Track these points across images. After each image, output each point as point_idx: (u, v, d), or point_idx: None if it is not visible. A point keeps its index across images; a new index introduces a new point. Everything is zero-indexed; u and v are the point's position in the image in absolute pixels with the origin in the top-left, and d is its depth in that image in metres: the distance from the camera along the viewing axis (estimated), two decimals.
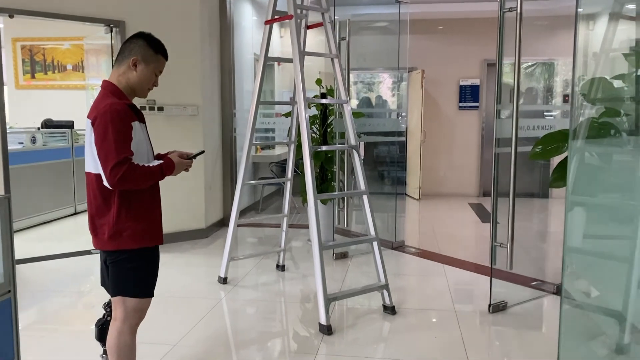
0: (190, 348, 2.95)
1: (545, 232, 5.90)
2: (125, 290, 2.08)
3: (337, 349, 2.96)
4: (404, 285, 4.08)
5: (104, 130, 1.94)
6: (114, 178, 1.92)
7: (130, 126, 1.99)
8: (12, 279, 1.35)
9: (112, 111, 1.97)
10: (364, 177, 3.54)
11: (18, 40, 8.54)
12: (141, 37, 2.15)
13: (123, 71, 2.12)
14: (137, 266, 2.09)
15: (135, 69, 2.11)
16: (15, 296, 1.35)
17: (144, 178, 2.01)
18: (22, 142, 6.04)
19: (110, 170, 1.91)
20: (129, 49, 2.13)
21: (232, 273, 4.23)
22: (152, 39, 2.17)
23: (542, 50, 8.00)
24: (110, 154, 1.92)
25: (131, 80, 2.11)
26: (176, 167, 2.13)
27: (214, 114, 5.79)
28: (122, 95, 2.09)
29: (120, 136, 1.95)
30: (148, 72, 2.13)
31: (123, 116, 1.98)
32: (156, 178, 2.07)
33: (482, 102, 8.39)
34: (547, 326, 3.35)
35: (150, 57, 2.13)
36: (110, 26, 4.91)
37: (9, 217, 1.34)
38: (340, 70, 3.66)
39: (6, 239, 1.29)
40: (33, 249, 4.97)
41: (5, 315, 1.30)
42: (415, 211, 7.39)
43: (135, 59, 2.10)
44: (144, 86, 2.15)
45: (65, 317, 3.48)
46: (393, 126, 5.53)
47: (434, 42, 8.36)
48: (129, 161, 1.95)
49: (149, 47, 2.13)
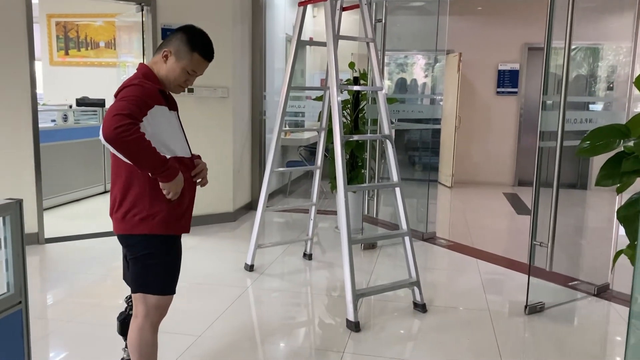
0: (215, 340, 2.89)
1: (584, 227, 5.64)
2: (146, 287, 2.00)
3: (365, 347, 2.86)
4: (434, 281, 3.94)
5: (121, 98, 1.83)
6: (111, 126, 1.71)
7: (149, 104, 1.86)
8: (23, 290, 1.27)
9: (137, 85, 1.88)
10: (398, 168, 3.39)
11: (52, 17, 8.56)
12: (184, 30, 2.04)
13: (156, 60, 2.03)
14: (159, 262, 2.00)
15: (166, 60, 2.00)
16: (27, 308, 1.28)
17: (140, 147, 1.76)
18: (54, 120, 6.06)
19: (111, 117, 1.73)
20: (168, 39, 2.03)
21: (258, 260, 4.16)
22: (195, 35, 2.03)
23: (586, 34, 7.60)
24: (117, 107, 1.78)
25: (161, 72, 2.02)
26: (177, 178, 1.92)
27: (244, 96, 5.68)
28: (155, 80, 1.99)
29: (135, 101, 1.81)
30: (177, 68, 2.00)
31: (146, 92, 1.87)
32: (151, 160, 1.81)
33: (521, 88, 8.06)
34: (588, 331, 3.18)
35: (183, 53, 2.00)
36: (141, 4, 4.82)
37: (20, 223, 1.26)
38: (375, 55, 3.49)
39: (17, 246, 1.22)
40: (63, 227, 4.99)
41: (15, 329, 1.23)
42: (446, 200, 7.19)
43: (167, 51, 2.00)
44: (172, 82, 2.02)
45: (91, 300, 3.47)
46: (428, 113, 5.32)
47: (472, 23, 8.03)
48: (135, 121, 1.77)
49: (187, 43, 2.00)
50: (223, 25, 5.09)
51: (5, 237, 1.21)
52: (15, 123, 4.30)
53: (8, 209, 1.20)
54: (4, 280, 1.21)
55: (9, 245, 1.20)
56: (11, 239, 1.19)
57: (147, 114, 1.85)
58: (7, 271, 1.22)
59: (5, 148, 4.28)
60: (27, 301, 1.27)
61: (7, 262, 1.21)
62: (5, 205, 1.19)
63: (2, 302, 1.20)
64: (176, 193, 1.94)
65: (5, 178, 4.30)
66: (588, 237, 5.16)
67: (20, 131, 4.33)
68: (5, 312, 1.20)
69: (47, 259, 4.22)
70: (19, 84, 4.28)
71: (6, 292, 1.22)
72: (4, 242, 1.21)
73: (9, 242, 1.20)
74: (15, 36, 4.23)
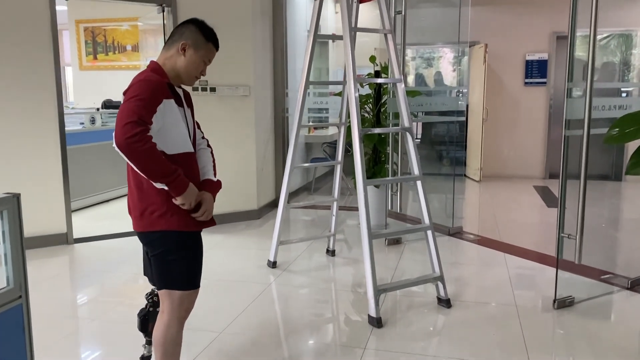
0: (236, 336, 2.89)
1: (618, 219, 5.45)
2: (171, 283, 2.01)
3: (386, 343, 2.82)
4: (460, 276, 3.86)
5: (130, 97, 1.84)
6: (123, 136, 1.73)
7: (158, 100, 1.87)
8: (23, 284, 1.28)
9: (143, 80, 1.90)
10: (418, 161, 3.33)
11: (81, 22, 8.76)
12: (193, 22, 2.08)
13: (170, 55, 2.04)
14: (180, 257, 2.00)
15: (184, 53, 2.02)
16: (28, 302, 1.29)
17: (151, 157, 1.78)
18: (82, 123, 6.20)
19: (122, 126, 1.75)
20: (179, 33, 2.06)
21: (282, 256, 4.16)
22: (205, 25, 2.09)
23: (618, 20, 7.34)
24: (127, 112, 1.78)
25: (177, 65, 2.03)
26: (188, 190, 1.90)
27: (266, 93, 5.69)
28: (163, 75, 2.01)
29: (143, 103, 1.82)
30: (197, 58, 2.04)
31: (153, 87, 1.88)
32: (160, 169, 1.82)
33: (550, 78, 7.84)
34: (620, 326, 3.05)
35: (201, 43, 2.05)
36: (162, 6, 4.87)
37: (18, 217, 1.27)
38: (394, 47, 3.44)
39: (16, 240, 1.23)
40: (93, 228, 5.10)
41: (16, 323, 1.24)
42: (475, 194, 7.06)
43: (185, 43, 2.02)
44: (191, 73, 2.06)
45: (117, 299, 3.53)
46: (452, 105, 5.22)
47: (498, 13, 7.86)
48: (145, 128, 1.78)
49: (201, 33, 2.05)
50: (243, 23, 5.11)
51: (3, 231, 1.23)
52: (43, 127, 4.41)
53: (5, 203, 1.21)
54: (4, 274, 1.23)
55: (7, 239, 1.21)
56: (9, 233, 1.20)
57: (156, 111, 1.85)
58: (5, 265, 1.23)
59: (34, 152, 4.39)
60: (27, 295, 1.28)
61: (5, 256, 1.23)
62: (2, 200, 1.21)
63: (2, 296, 1.22)
64: (191, 203, 1.94)
65: (34, 180, 4.41)
66: (622, 229, 4.98)
67: (48, 135, 4.43)
68: (5, 307, 1.21)
69: (75, 259, 4.32)
70: (46, 90, 4.38)
71: (6, 287, 1.24)
72: (2, 236, 1.23)
73: (7, 237, 1.21)
74: (41, 42, 4.33)
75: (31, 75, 4.32)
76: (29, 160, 4.38)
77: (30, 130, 4.37)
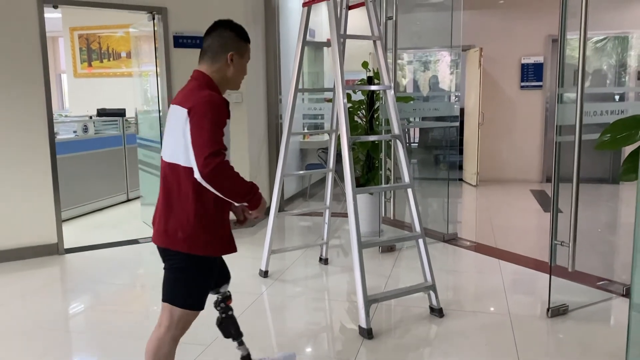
0: (225, 349, 2.84)
1: (614, 223, 5.40)
2: (175, 300, 2.00)
3: (377, 355, 2.77)
4: (454, 283, 3.82)
5: (202, 119, 1.85)
6: (206, 168, 1.78)
7: (224, 121, 1.90)
8: None
9: (212, 102, 1.89)
10: (409, 169, 3.29)
11: (75, 30, 8.74)
12: (227, 28, 2.06)
13: (218, 67, 2.02)
14: (192, 277, 1.99)
15: (232, 63, 2.03)
16: None
17: (234, 181, 1.85)
18: (75, 131, 6.16)
19: (204, 159, 1.79)
20: (220, 44, 2.03)
21: (274, 265, 4.11)
22: (240, 28, 2.09)
23: (613, 23, 7.31)
24: (206, 142, 1.81)
25: (228, 75, 2.04)
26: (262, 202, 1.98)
27: (259, 100, 5.65)
28: (218, 90, 2.02)
29: (216, 128, 1.85)
30: (243, 63, 2.09)
31: (222, 109, 1.90)
32: (242, 190, 1.90)
33: (546, 82, 7.81)
34: (615, 334, 3.00)
35: (244, 48, 2.09)
36: (152, 13, 4.84)
37: None
38: (383, 53, 3.40)
39: None
40: (85, 237, 5.05)
41: None
42: (471, 199, 7.01)
43: (232, 55, 2.03)
44: (240, 78, 2.10)
45: (106, 310, 3.48)
46: (446, 110, 5.19)
47: (493, 17, 7.83)
48: (223, 154, 1.83)
49: (241, 39, 2.07)
50: None
51: None
52: (33, 137, 4.37)
53: None
54: None
55: None
56: None
57: (224, 134, 1.88)
58: None
59: (23, 161, 4.35)
60: None
61: None
62: None
63: None
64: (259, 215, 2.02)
65: (23, 190, 4.37)
66: (618, 234, 4.93)
67: (38, 144, 4.39)
68: None
69: (66, 269, 4.27)
70: (35, 98, 4.35)
71: None
72: None
73: None
74: (30, 52, 4.30)
75: (20, 85, 4.29)
76: (18, 170, 4.34)
77: (20, 140, 4.33)
